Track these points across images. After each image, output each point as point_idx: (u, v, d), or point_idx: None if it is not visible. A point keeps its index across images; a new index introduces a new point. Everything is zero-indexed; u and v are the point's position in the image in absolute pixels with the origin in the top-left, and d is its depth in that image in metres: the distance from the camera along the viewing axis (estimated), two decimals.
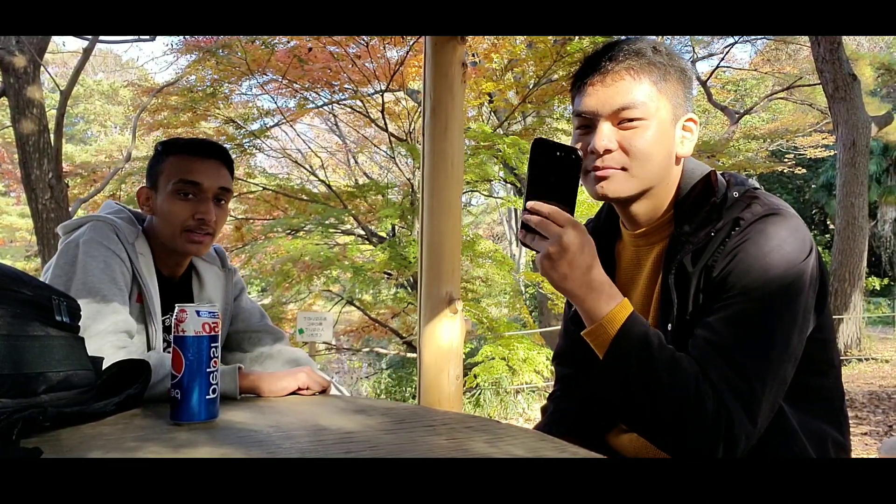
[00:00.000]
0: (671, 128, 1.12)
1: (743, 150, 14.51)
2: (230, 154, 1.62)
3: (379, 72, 7.96)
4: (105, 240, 1.44)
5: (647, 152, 1.10)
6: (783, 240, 1.03)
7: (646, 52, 1.11)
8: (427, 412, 1.19)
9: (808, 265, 1.04)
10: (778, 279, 1.01)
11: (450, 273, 2.79)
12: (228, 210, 1.64)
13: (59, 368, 1.05)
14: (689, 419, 0.97)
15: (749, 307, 1.01)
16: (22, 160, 6.34)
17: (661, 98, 1.11)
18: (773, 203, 1.07)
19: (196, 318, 1.05)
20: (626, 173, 1.11)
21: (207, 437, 0.96)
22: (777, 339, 1.00)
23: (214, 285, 1.70)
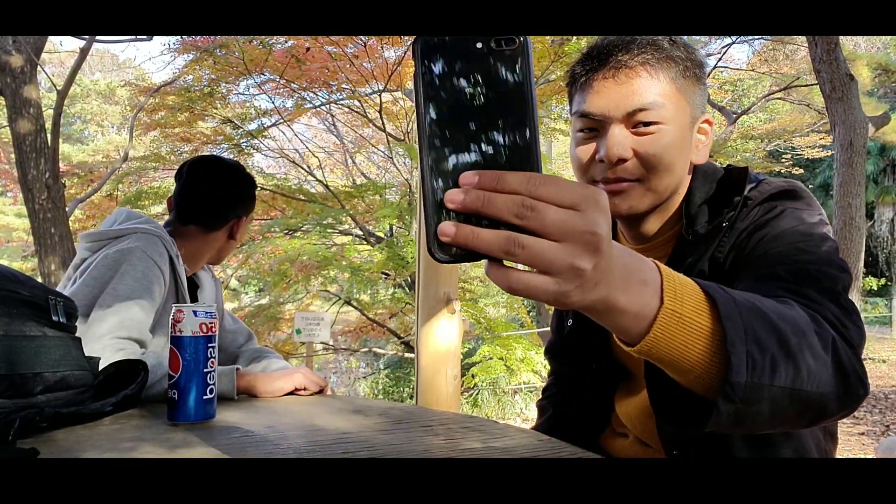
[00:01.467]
0: (690, 132, 0.99)
1: (740, 151, 14.52)
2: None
3: (377, 72, 7.96)
4: (151, 251, 1.46)
5: (668, 161, 0.95)
6: (800, 208, 0.93)
7: (663, 45, 0.97)
8: (425, 412, 1.19)
9: (831, 237, 0.92)
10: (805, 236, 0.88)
11: (447, 273, 2.80)
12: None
13: (56, 369, 1.04)
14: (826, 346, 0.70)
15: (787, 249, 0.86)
16: (19, 160, 6.32)
17: (680, 98, 0.97)
18: (782, 181, 0.99)
19: (193, 319, 1.05)
20: (643, 186, 0.97)
21: (204, 438, 0.96)
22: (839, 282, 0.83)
23: (210, 291, 1.77)
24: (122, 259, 1.43)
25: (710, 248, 0.95)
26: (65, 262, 6.38)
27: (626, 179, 0.96)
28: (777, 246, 0.88)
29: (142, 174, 9.73)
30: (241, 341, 1.79)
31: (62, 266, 6.38)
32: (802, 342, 0.66)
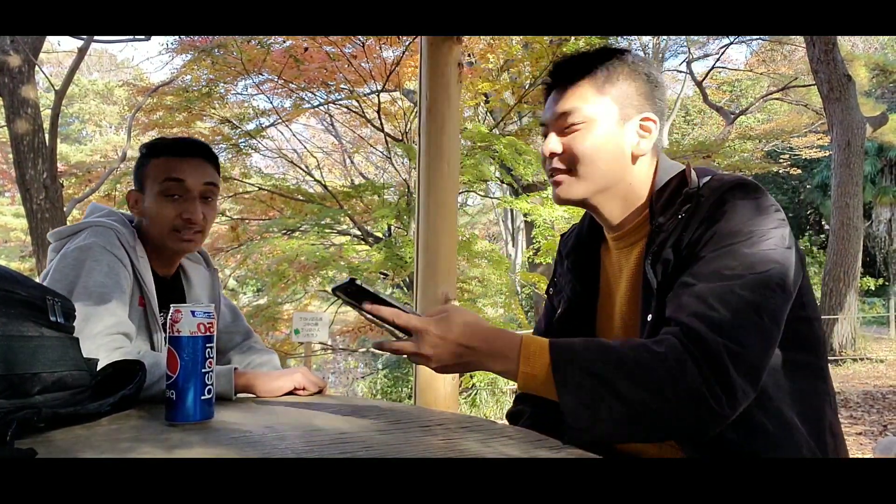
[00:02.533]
0: (618, 128, 1.13)
1: (738, 151, 14.54)
2: (213, 150, 1.62)
3: (375, 72, 7.96)
4: (108, 245, 1.43)
5: (590, 154, 1.12)
6: (748, 201, 1.03)
7: (593, 59, 1.14)
8: (423, 412, 1.19)
9: (782, 226, 1.02)
10: (747, 231, 1.00)
11: (446, 273, 2.79)
12: (217, 206, 1.63)
13: (54, 369, 1.04)
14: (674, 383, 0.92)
15: (717, 255, 0.99)
16: (16, 160, 6.31)
17: (602, 100, 1.12)
18: (731, 177, 1.08)
19: (191, 319, 1.04)
20: (574, 176, 1.14)
21: (202, 438, 0.96)
22: (758, 288, 0.97)
23: (202, 284, 1.71)
24: (82, 256, 1.40)
25: (672, 238, 1.05)
26: None
27: (559, 171, 1.15)
28: (714, 252, 0.99)
29: None
30: (237, 341, 1.74)
31: None
32: (638, 386, 0.90)
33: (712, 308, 0.95)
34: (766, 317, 0.96)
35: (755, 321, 0.95)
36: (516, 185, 9.45)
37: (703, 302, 0.96)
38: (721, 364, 0.91)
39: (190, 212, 1.52)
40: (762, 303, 0.96)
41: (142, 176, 1.56)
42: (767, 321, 0.96)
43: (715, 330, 0.93)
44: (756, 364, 0.94)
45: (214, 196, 1.59)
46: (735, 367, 0.91)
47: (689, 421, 0.92)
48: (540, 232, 7.98)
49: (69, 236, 1.48)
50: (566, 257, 1.32)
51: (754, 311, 0.95)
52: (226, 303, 1.78)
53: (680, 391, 0.91)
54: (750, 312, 0.95)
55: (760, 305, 0.95)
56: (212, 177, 1.57)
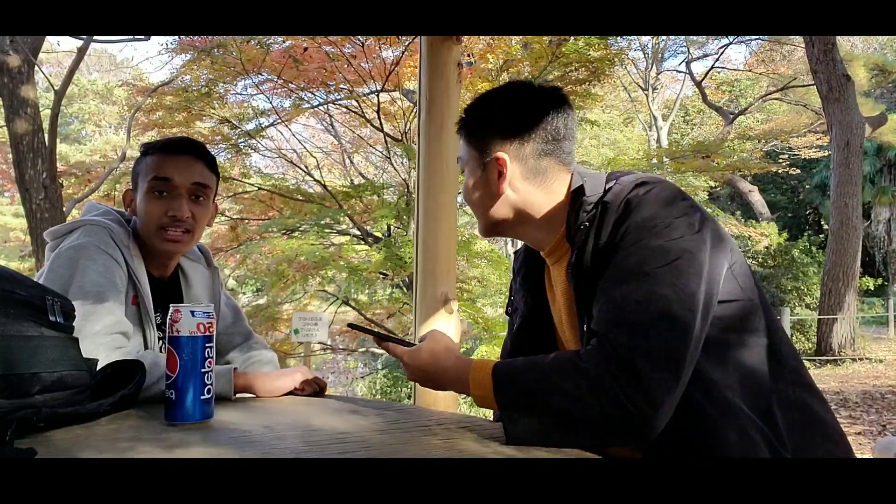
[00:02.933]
0: (479, 172, 1.21)
1: (738, 151, 14.53)
2: (208, 150, 1.58)
3: (374, 72, 7.96)
4: (101, 244, 1.42)
5: (466, 197, 1.25)
6: (650, 196, 1.04)
7: (469, 109, 1.24)
8: (422, 412, 1.20)
9: (689, 213, 1.03)
10: (651, 225, 1.01)
11: (445, 273, 2.79)
12: (211, 207, 1.59)
13: (53, 369, 1.04)
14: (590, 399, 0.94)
15: (625, 256, 1.01)
16: (16, 160, 6.31)
17: (467, 146, 1.22)
18: (633, 178, 1.09)
19: (190, 319, 1.04)
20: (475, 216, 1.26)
21: (201, 438, 0.96)
22: (665, 281, 0.97)
23: (201, 284, 1.68)
24: (76, 255, 1.39)
25: (586, 247, 1.09)
26: None
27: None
28: (623, 253, 1.02)
29: None
30: (237, 342, 1.73)
31: None
32: (563, 398, 0.95)
33: (623, 311, 0.97)
34: (679, 306, 0.96)
35: (667, 313, 0.95)
36: None
37: (614, 307, 0.98)
38: (635, 366, 0.92)
39: (175, 209, 1.48)
40: (673, 293, 0.96)
41: (136, 174, 1.55)
42: (680, 309, 0.96)
43: (626, 333, 0.95)
44: (673, 355, 0.94)
45: (206, 197, 1.55)
46: (651, 364, 0.92)
47: (616, 427, 0.93)
48: None
49: (64, 235, 1.47)
50: (517, 273, 1.36)
51: (665, 303, 0.96)
52: (227, 302, 1.76)
53: (602, 400, 0.93)
54: (661, 306, 0.96)
55: (672, 296, 0.96)
56: (202, 176, 1.53)
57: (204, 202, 1.55)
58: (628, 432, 0.94)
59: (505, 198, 1.18)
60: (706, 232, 1.03)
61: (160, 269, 1.60)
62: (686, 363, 0.96)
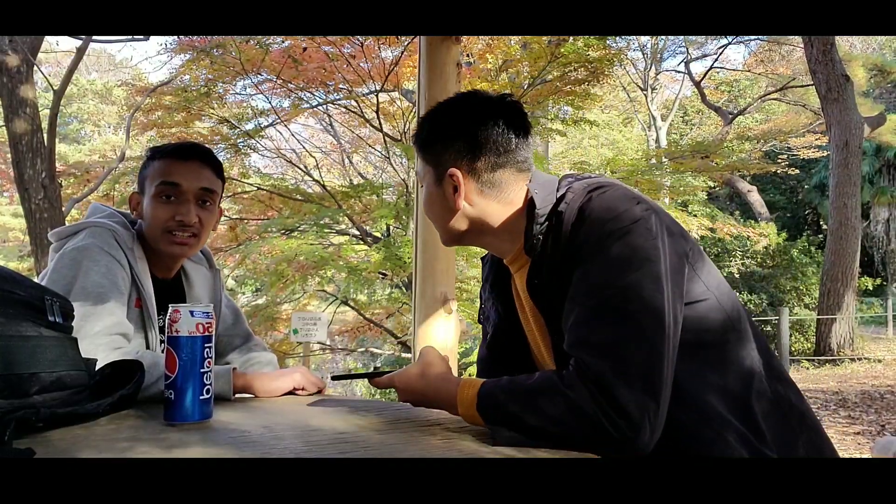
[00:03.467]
0: (435, 187, 1.20)
1: (736, 151, 14.53)
2: (216, 156, 1.61)
3: (374, 72, 7.95)
4: (106, 245, 1.43)
5: (425, 210, 1.26)
6: (603, 201, 1.03)
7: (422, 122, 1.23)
8: (421, 412, 1.19)
9: (646, 216, 1.01)
10: (607, 232, 0.99)
11: (444, 273, 2.79)
12: (217, 212, 1.61)
13: (52, 369, 1.04)
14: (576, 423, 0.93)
15: (585, 271, 1.00)
16: (15, 160, 6.30)
17: (424, 163, 1.22)
18: (582, 185, 1.08)
19: (190, 319, 1.04)
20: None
21: (200, 438, 0.95)
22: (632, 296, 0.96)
23: (203, 285, 1.70)
24: (79, 256, 1.40)
25: (545, 260, 1.09)
26: None
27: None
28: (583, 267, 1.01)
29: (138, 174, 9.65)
30: (237, 344, 1.74)
31: None
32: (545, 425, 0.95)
33: (592, 331, 0.96)
34: (647, 318, 0.95)
35: (635, 329, 0.94)
36: None
37: (583, 327, 0.98)
38: (613, 391, 0.91)
39: (182, 213, 1.50)
40: (638, 307, 0.95)
41: (143, 178, 1.56)
42: (649, 322, 0.95)
43: (597, 355, 0.94)
44: (647, 373, 0.93)
45: (213, 202, 1.57)
46: (626, 385, 0.91)
47: (600, 449, 0.92)
48: None
49: (68, 236, 1.48)
50: (486, 281, 1.35)
51: (631, 318, 0.95)
52: (228, 304, 1.77)
53: (584, 424, 0.92)
54: (628, 322, 0.95)
55: (636, 310, 0.95)
56: (210, 182, 1.55)
57: (210, 207, 1.57)
58: (612, 452, 0.92)
59: (462, 211, 1.18)
60: (663, 234, 1.02)
61: (164, 272, 1.61)
62: (664, 380, 0.94)
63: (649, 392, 0.92)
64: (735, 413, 1.01)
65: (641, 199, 1.05)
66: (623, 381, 0.91)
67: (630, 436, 0.91)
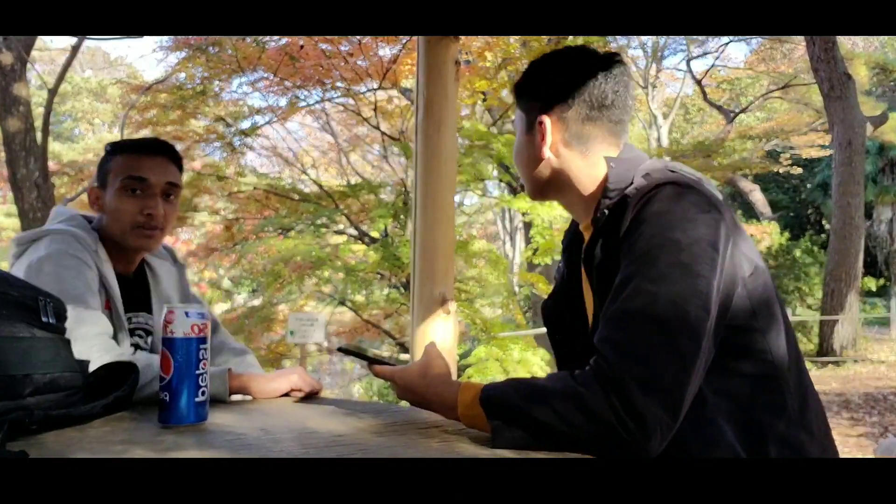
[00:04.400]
0: (526, 135, 1.21)
1: (738, 150, 14.56)
2: (177, 151, 1.65)
3: (371, 70, 7.92)
4: (71, 249, 1.44)
5: (514, 156, 1.27)
6: (674, 204, 0.99)
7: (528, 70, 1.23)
8: (419, 414, 1.19)
9: (711, 229, 0.97)
10: (669, 240, 0.96)
11: (443, 273, 2.78)
12: (178, 206, 1.65)
13: (46, 370, 1.05)
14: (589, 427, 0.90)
15: (635, 270, 0.97)
16: (8, 159, 6.28)
17: (518, 108, 1.23)
18: (662, 176, 1.04)
19: (185, 320, 1.05)
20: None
21: (196, 440, 0.96)
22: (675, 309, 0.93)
23: (169, 280, 1.71)
24: (49, 265, 1.39)
25: (600, 237, 1.09)
26: None
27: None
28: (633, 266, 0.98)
29: None
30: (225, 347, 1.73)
31: None
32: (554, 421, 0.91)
33: (624, 333, 0.93)
34: (685, 336, 0.92)
35: (671, 343, 0.91)
36: (514, 183, 9.42)
37: (616, 326, 0.95)
38: (627, 393, 0.88)
39: (150, 207, 1.52)
40: (679, 322, 0.92)
41: (105, 172, 1.57)
42: (685, 340, 0.92)
43: (623, 357, 0.91)
44: (671, 388, 0.90)
45: (176, 196, 1.61)
46: (644, 394, 0.88)
47: (604, 449, 0.90)
48: (538, 231, 7.93)
49: (29, 243, 1.48)
50: (563, 242, 1.35)
51: (669, 331, 0.92)
52: (194, 298, 1.79)
53: (590, 420, 0.90)
54: (664, 334, 0.91)
55: (677, 326, 0.92)
56: (174, 176, 1.58)
57: (174, 201, 1.60)
58: (616, 453, 0.90)
59: (547, 161, 1.18)
60: (727, 248, 0.98)
61: (125, 266, 1.61)
62: (685, 400, 0.92)
63: (668, 409, 0.90)
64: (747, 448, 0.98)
65: (714, 205, 1.00)
66: (644, 390, 0.89)
67: (638, 439, 0.88)
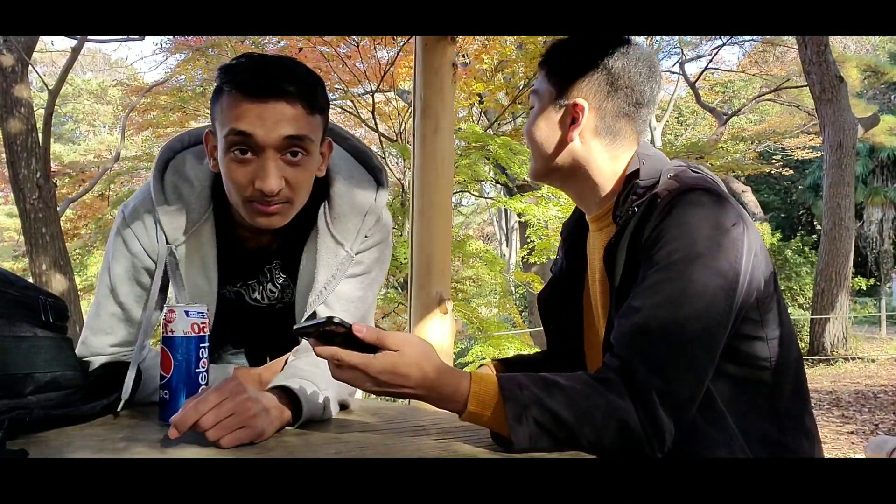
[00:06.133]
0: (551, 112, 1.15)
1: (731, 152, 14.58)
2: (307, 77, 1.13)
3: (369, 72, 7.95)
4: (121, 225, 1.25)
5: (530, 132, 1.18)
6: (703, 212, 0.97)
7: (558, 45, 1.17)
8: (417, 412, 1.19)
9: (738, 241, 0.97)
10: (696, 252, 0.95)
11: (440, 273, 2.79)
12: (316, 157, 1.18)
13: (47, 369, 1.04)
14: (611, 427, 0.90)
15: (663, 279, 0.95)
16: (9, 160, 6.28)
17: (547, 84, 1.16)
18: (691, 179, 1.03)
19: (185, 319, 1.04)
20: (532, 155, 1.19)
21: (195, 438, 0.95)
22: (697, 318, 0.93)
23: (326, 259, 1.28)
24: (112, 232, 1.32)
25: (626, 235, 1.03)
26: (55, 262, 6.34)
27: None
28: (661, 273, 0.96)
29: (133, 174, 9.67)
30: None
31: (53, 266, 6.33)
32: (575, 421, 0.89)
33: (651, 343, 0.93)
34: (703, 350, 0.94)
35: (691, 357, 0.93)
36: (511, 184, 9.45)
37: (643, 334, 0.94)
38: (652, 408, 0.90)
39: (261, 178, 1.10)
40: (701, 337, 0.94)
41: (214, 115, 1.16)
42: (703, 355, 0.94)
43: (650, 368, 0.91)
44: (682, 402, 0.92)
45: (307, 151, 1.13)
46: (663, 406, 0.90)
47: (616, 453, 0.91)
48: (534, 232, 7.97)
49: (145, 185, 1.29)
50: (562, 234, 1.33)
51: (691, 345, 0.93)
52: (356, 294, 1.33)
53: (619, 430, 0.90)
54: (687, 348, 0.93)
55: (699, 340, 0.93)
56: (298, 126, 1.10)
57: (304, 159, 1.13)
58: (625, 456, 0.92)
59: (571, 146, 1.13)
60: (749, 260, 0.98)
61: (255, 241, 1.30)
62: (695, 406, 0.95)
63: (678, 419, 0.92)
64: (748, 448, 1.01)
65: (740, 215, 1.00)
66: (665, 406, 0.90)
67: (654, 448, 0.91)
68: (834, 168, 10.40)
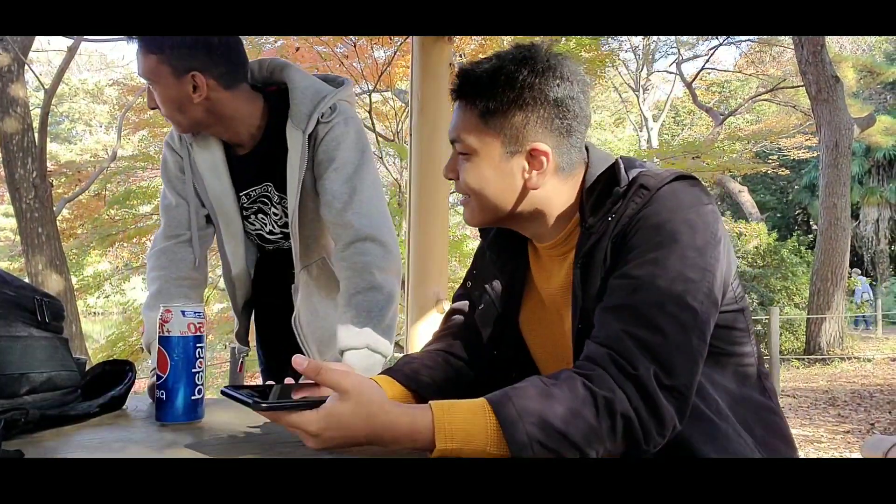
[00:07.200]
0: (502, 163, 1.00)
1: (727, 152, 14.60)
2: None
3: (366, 72, 7.95)
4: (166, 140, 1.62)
5: (476, 187, 1.01)
6: (679, 198, 0.95)
7: (483, 79, 0.99)
8: None
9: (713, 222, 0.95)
10: (677, 235, 0.92)
11: (437, 273, 2.80)
12: (171, 85, 1.41)
13: (43, 369, 1.04)
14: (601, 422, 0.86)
15: (649, 262, 0.92)
16: (6, 159, 6.27)
17: (487, 133, 0.99)
18: (668, 171, 1.00)
19: (181, 319, 1.04)
20: (471, 202, 1.04)
21: (192, 438, 0.95)
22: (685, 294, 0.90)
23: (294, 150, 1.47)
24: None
25: (604, 239, 0.97)
26: (51, 262, 6.33)
27: (463, 194, 1.05)
28: (642, 261, 0.92)
29: (130, 173, 9.65)
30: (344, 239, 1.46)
31: (49, 265, 6.32)
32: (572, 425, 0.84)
33: (641, 329, 0.89)
34: (695, 335, 0.90)
35: (684, 341, 0.90)
36: None
37: (632, 322, 0.90)
38: (650, 392, 0.86)
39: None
40: (692, 320, 0.90)
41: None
42: (696, 339, 0.91)
43: (645, 355, 0.88)
44: (683, 387, 0.89)
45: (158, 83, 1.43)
46: (664, 393, 0.87)
47: (614, 446, 0.87)
48: None
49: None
50: (488, 249, 1.18)
51: (684, 330, 0.90)
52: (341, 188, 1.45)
53: (615, 423, 0.86)
54: (680, 332, 0.90)
55: (690, 323, 0.90)
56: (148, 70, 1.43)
57: (156, 87, 1.44)
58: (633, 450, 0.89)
59: (532, 193, 1.01)
60: (724, 240, 0.97)
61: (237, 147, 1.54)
62: (693, 391, 0.91)
63: (681, 410, 0.89)
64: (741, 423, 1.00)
65: (712, 201, 0.98)
66: (663, 389, 0.87)
67: (653, 438, 0.87)
68: (830, 168, 10.43)
